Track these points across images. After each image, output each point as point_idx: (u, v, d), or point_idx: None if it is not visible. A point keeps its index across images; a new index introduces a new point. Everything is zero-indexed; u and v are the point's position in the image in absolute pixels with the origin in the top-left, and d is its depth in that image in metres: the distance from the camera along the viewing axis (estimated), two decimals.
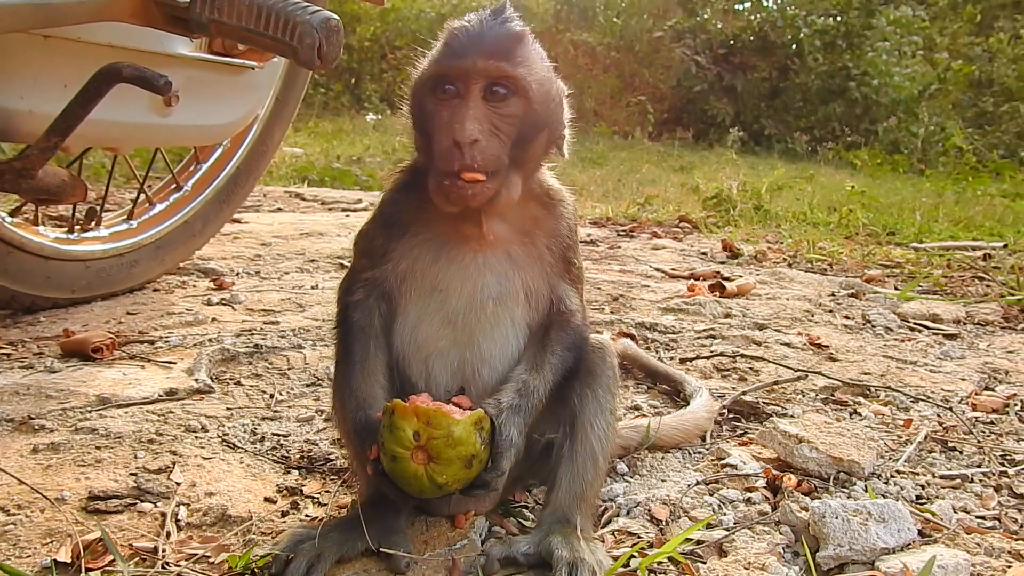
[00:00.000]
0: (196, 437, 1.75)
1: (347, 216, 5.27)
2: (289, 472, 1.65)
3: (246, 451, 1.71)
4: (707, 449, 1.82)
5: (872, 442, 1.72)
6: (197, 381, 2.05)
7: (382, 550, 1.27)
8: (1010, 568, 1.32)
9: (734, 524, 1.46)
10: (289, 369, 2.24)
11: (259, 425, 1.85)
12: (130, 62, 1.75)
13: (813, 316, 3.06)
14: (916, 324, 3.02)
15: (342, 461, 1.68)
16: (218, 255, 3.63)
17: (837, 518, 1.35)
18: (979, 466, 1.76)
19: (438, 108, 1.27)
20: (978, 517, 1.53)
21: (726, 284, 3.41)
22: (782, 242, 5.04)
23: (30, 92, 2.03)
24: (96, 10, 1.77)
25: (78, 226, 2.73)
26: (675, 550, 1.32)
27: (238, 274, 3.36)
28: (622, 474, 1.69)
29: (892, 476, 1.67)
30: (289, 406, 2.00)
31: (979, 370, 2.46)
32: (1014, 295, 3.47)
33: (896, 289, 3.69)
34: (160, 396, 1.95)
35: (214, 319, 2.64)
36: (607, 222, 5.68)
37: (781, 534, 1.42)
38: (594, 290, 3.28)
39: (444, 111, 1.26)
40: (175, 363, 2.19)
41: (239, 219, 4.58)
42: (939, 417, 2.04)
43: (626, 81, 15.26)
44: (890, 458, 1.77)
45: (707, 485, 1.62)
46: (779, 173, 7.88)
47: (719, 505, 1.54)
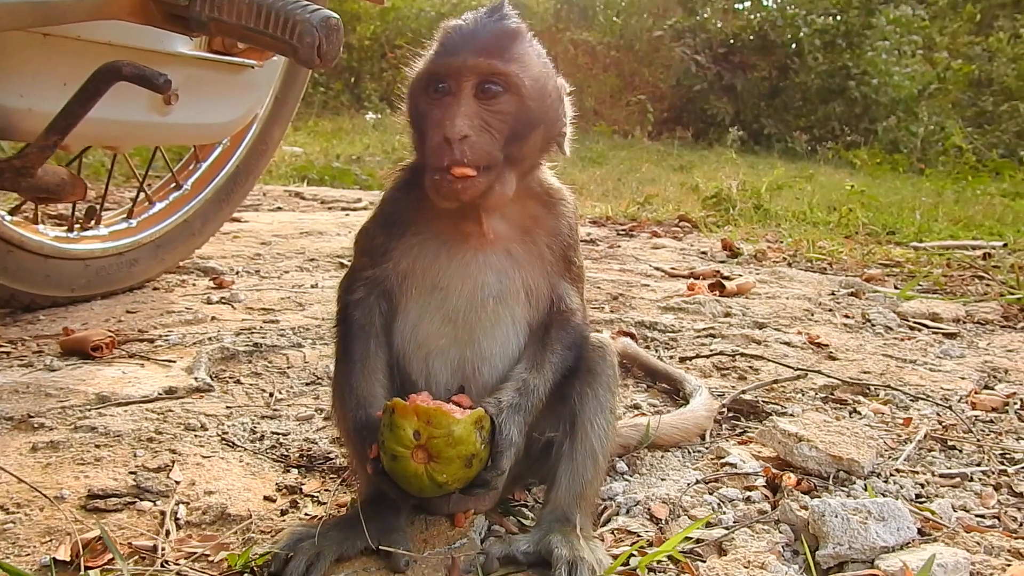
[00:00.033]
0: (195, 436, 1.75)
1: (347, 215, 5.27)
2: (288, 471, 1.65)
3: (245, 450, 1.71)
4: (707, 448, 1.83)
5: (872, 441, 1.72)
6: (197, 380, 2.05)
7: (382, 548, 1.27)
8: (1009, 566, 1.32)
9: (734, 523, 1.46)
10: (289, 368, 2.24)
11: (258, 424, 1.85)
12: (130, 60, 1.75)
13: (813, 315, 3.06)
14: (916, 323, 3.01)
15: (342, 460, 1.68)
16: (218, 254, 3.63)
17: (837, 517, 1.35)
18: (979, 465, 1.76)
19: (431, 106, 1.28)
20: (978, 516, 1.53)
21: (726, 283, 3.41)
22: (782, 241, 5.03)
23: (29, 90, 2.03)
24: (96, 8, 1.77)
25: (78, 225, 2.73)
26: (675, 549, 1.32)
27: (238, 273, 3.35)
28: (622, 473, 1.69)
29: (892, 475, 1.67)
30: (289, 405, 2.00)
31: (979, 369, 2.46)
32: (1014, 294, 3.47)
33: (896, 288, 3.68)
34: (159, 395, 1.95)
35: (214, 318, 2.64)
36: (607, 221, 5.67)
37: (781, 533, 1.42)
38: (594, 289, 3.28)
39: (437, 109, 1.26)
40: (175, 362, 2.19)
41: (239, 218, 4.57)
42: (939, 416, 2.04)
43: (626, 80, 15.25)
44: (890, 457, 1.77)
45: (707, 484, 1.63)
46: (779, 172, 7.88)
47: (719, 504, 1.53)
